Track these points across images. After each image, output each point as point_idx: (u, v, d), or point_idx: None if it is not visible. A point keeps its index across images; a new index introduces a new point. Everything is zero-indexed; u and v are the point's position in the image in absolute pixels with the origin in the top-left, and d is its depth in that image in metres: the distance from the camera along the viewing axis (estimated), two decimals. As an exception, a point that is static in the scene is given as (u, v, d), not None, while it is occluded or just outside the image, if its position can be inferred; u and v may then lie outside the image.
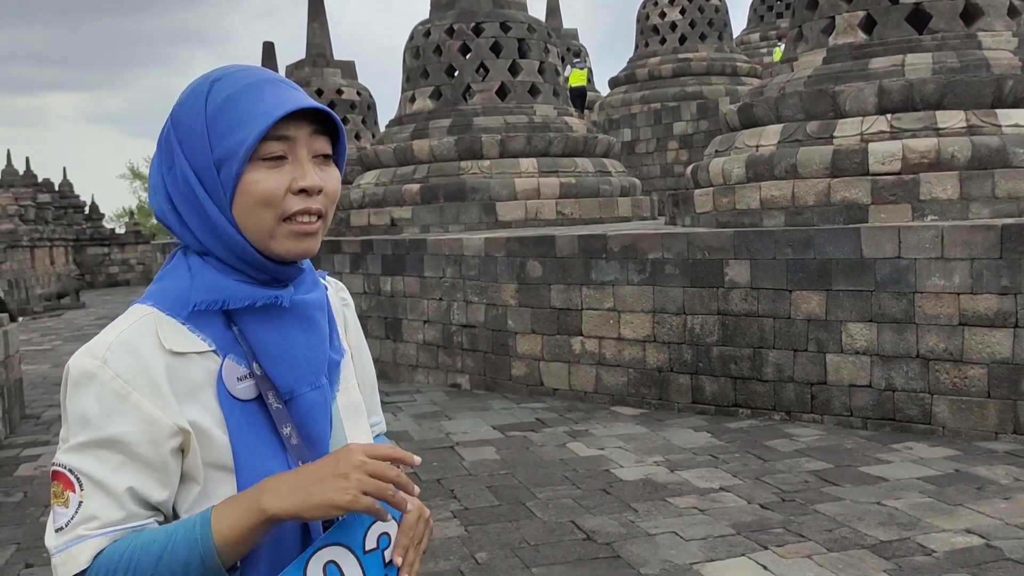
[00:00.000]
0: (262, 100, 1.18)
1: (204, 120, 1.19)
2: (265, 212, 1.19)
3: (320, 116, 1.22)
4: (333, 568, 1.14)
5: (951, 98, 7.74)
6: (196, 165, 1.19)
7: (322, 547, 1.15)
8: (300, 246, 1.22)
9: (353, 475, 1.08)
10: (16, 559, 4.99)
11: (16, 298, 22.04)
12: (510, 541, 4.92)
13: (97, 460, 1.11)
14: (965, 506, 5.16)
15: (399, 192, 12.09)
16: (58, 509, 1.12)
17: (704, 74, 20.21)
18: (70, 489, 1.11)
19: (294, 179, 1.19)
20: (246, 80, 1.20)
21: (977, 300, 6.54)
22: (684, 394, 7.99)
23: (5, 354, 8.40)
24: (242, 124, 1.17)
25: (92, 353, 1.14)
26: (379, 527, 1.18)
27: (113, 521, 1.11)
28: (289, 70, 20.14)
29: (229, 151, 1.17)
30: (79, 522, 1.10)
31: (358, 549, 1.16)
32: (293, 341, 1.22)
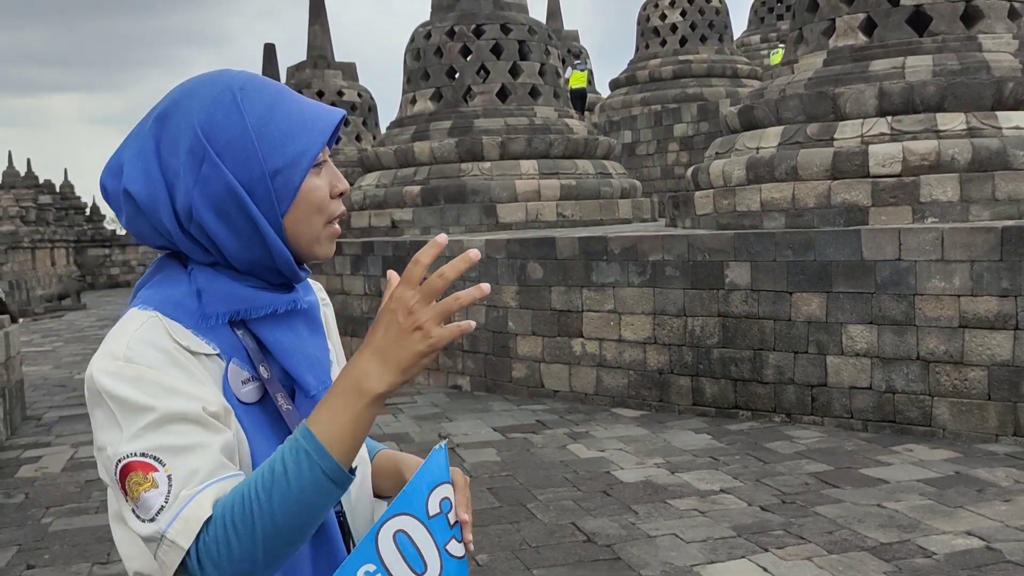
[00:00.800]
0: (301, 106, 1.21)
1: (249, 131, 1.16)
2: (318, 218, 1.22)
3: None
4: (403, 537, 1.18)
5: (951, 100, 7.74)
6: (245, 177, 1.16)
7: (389, 519, 1.19)
8: (332, 247, 1.27)
9: (420, 318, 1.05)
10: (18, 560, 5.00)
11: (17, 299, 22.05)
12: (511, 543, 4.93)
13: (167, 434, 1.06)
14: (965, 508, 5.17)
15: (400, 194, 12.10)
16: (147, 495, 1.03)
17: (704, 76, 20.22)
18: (152, 470, 1.04)
19: (331, 183, 1.23)
20: (269, 87, 1.22)
21: (977, 302, 6.54)
22: (685, 396, 7.99)
23: (6, 355, 8.41)
24: (296, 134, 1.18)
25: (112, 355, 1.11)
26: (438, 493, 1.21)
27: (215, 470, 1.06)
28: (290, 72, 20.16)
29: (289, 160, 1.17)
30: (179, 488, 1.03)
31: (423, 516, 1.19)
32: (304, 340, 1.24)
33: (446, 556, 1.20)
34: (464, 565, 1.22)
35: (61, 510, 5.89)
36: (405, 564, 1.17)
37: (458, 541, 1.21)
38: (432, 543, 1.19)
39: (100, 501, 6.00)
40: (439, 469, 1.23)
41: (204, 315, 1.17)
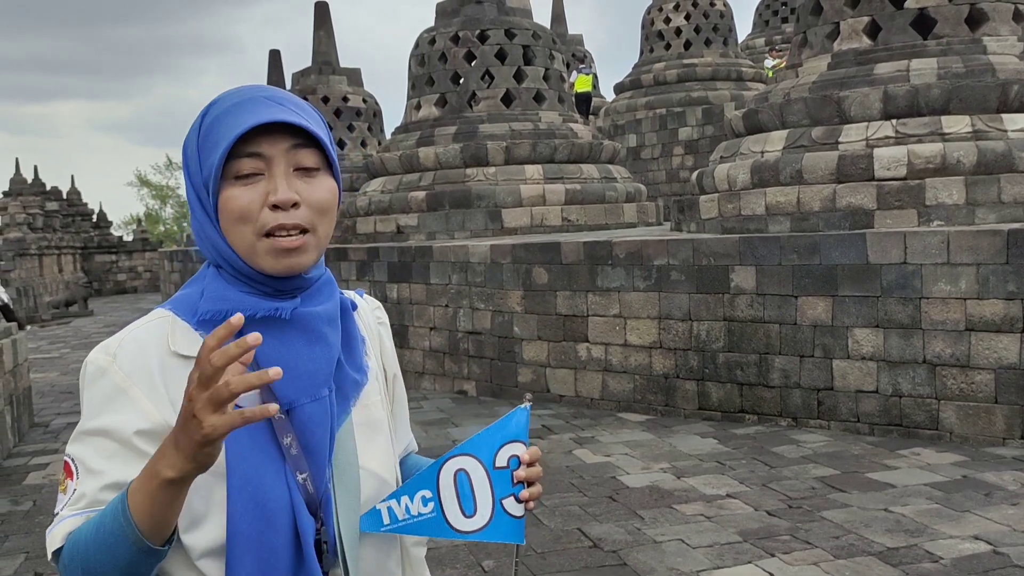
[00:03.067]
0: (236, 119, 1.20)
1: (196, 143, 1.25)
2: (243, 228, 1.22)
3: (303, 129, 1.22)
4: (463, 475, 1.23)
5: (956, 103, 7.73)
6: (195, 185, 1.26)
7: (456, 455, 1.24)
8: (282, 263, 1.22)
9: (195, 406, 1.02)
10: (25, 568, 5.01)
11: (24, 306, 22.13)
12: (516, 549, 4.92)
13: (92, 448, 1.18)
14: (973, 512, 5.15)
15: (405, 199, 12.12)
16: (59, 495, 1.19)
17: (709, 79, 20.21)
18: (69, 477, 1.19)
19: (268, 194, 1.21)
20: (233, 100, 1.23)
21: (984, 305, 6.53)
22: (690, 400, 7.99)
23: (14, 362, 8.44)
24: (217, 145, 1.21)
25: (106, 349, 1.22)
26: (510, 449, 1.25)
27: (93, 502, 1.16)
28: (295, 78, 20.21)
29: (209, 172, 1.22)
30: (68, 504, 1.17)
31: (488, 463, 1.23)
32: (295, 352, 1.23)
33: (499, 509, 1.23)
34: (519, 525, 1.24)
35: (68, 517, 5.90)
36: (457, 501, 1.23)
37: (518, 501, 1.24)
38: (489, 492, 1.23)
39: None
40: (518, 427, 1.26)
41: (197, 313, 1.24)
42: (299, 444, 1.22)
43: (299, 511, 1.20)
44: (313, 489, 1.23)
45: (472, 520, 1.23)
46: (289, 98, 1.25)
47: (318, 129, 1.24)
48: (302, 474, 1.22)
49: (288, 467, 1.21)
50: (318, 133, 1.23)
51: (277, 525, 1.18)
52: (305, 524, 1.20)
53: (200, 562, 1.18)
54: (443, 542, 5.02)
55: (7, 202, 29.06)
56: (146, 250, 33.66)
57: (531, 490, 1.28)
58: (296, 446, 1.22)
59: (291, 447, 1.22)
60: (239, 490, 1.17)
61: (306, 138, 1.23)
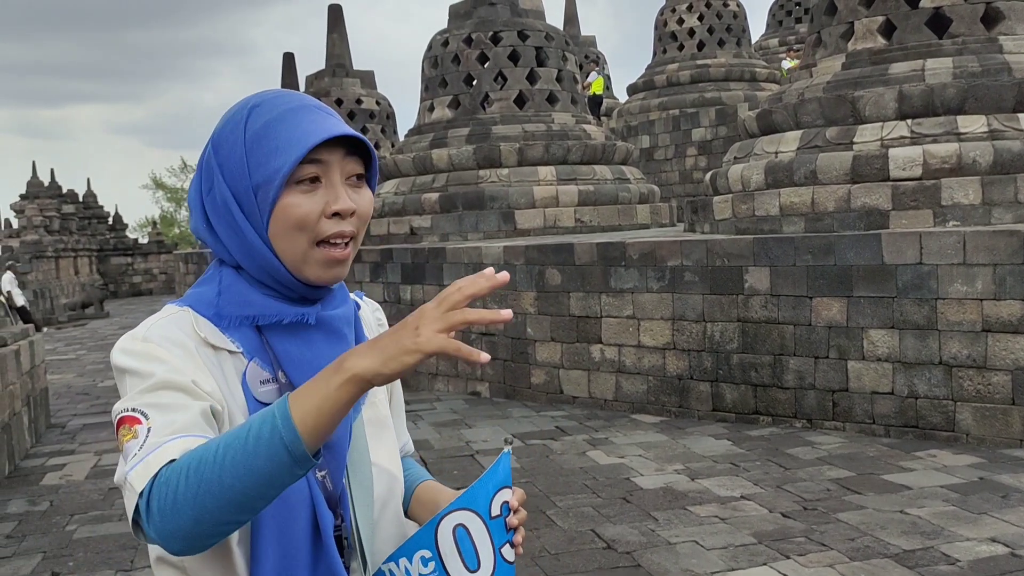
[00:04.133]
0: (298, 127, 1.21)
1: (243, 146, 1.23)
2: (299, 236, 1.22)
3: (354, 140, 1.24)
4: (462, 531, 1.22)
5: (972, 103, 7.68)
6: (235, 189, 1.24)
7: (452, 511, 1.23)
8: (330, 273, 1.25)
9: (424, 319, 1.03)
10: (43, 567, 5.05)
11: (41, 308, 22.29)
12: (530, 550, 4.93)
13: (156, 396, 1.12)
14: (989, 514, 5.12)
15: (418, 201, 12.15)
16: (128, 445, 1.09)
17: (723, 80, 20.16)
18: (136, 423, 1.10)
19: (327, 203, 1.22)
20: (284, 107, 1.24)
21: (1000, 306, 6.48)
22: (704, 402, 7.96)
23: (31, 364, 8.51)
24: (279, 151, 1.20)
25: (133, 336, 1.20)
26: (501, 496, 1.24)
27: (190, 427, 1.09)
28: (309, 80, 20.29)
29: (267, 177, 1.21)
30: (153, 437, 1.08)
31: (484, 514, 1.23)
32: (318, 352, 1.26)
33: (500, 559, 1.23)
34: (513, 571, 1.24)
35: (85, 517, 5.94)
36: (459, 558, 1.21)
37: (511, 546, 1.24)
38: (489, 543, 1.22)
39: (124, 508, 6.05)
40: (504, 473, 1.25)
41: (219, 314, 1.24)
42: None
43: (319, 506, 1.21)
44: (332, 486, 1.25)
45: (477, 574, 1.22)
46: (332, 110, 1.28)
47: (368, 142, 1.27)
48: (321, 472, 1.25)
49: None
50: (372, 148, 1.27)
51: (298, 519, 1.20)
52: (325, 518, 1.22)
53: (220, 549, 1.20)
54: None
55: (24, 205, 29.30)
56: (161, 252, 33.86)
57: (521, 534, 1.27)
58: None
59: None
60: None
61: (355, 149, 1.25)
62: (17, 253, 24.04)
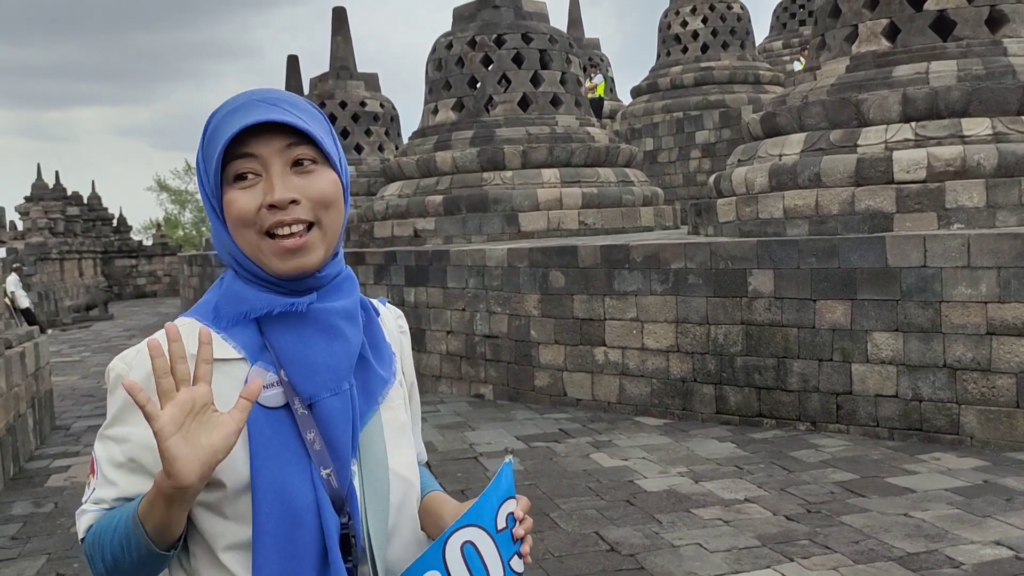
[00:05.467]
0: (228, 125, 1.22)
1: (202, 150, 1.27)
2: (246, 231, 1.24)
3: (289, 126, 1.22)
4: (470, 548, 1.22)
5: (976, 105, 7.67)
6: (206, 192, 1.28)
7: (459, 528, 1.23)
8: (288, 263, 1.24)
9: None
10: (47, 569, 5.06)
11: (46, 310, 22.34)
12: (534, 553, 4.91)
13: (108, 454, 1.26)
14: (994, 518, 5.11)
15: (422, 203, 12.16)
16: (86, 487, 1.30)
17: (726, 83, 20.13)
18: (92, 474, 1.28)
19: (265, 195, 1.23)
20: (230, 106, 1.25)
21: (1005, 309, 6.47)
22: (708, 404, 7.96)
23: (35, 366, 8.53)
24: (213, 151, 1.23)
25: (124, 359, 1.27)
26: (506, 508, 1.25)
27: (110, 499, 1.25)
28: (313, 82, 20.32)
29: (210, 177, 1.25)
30: (90, 501, 1.27)
31: (491, 529, 1.23)
32: (313, 347, 1.25)
33: (509, 571, 1.23)
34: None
35: (89, 519, 5.95)
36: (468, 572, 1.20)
37: (519, 557, 1.24)
38: (497, 556, 1.22)
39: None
40: (507, 484, 1.26)
41: (217, 317, 1.26)
42: (322, 439, 1.23)
43: (324, 508, 1.21)
44: (337, 484, 1.24)
45: None
46: (284, 98, 1.25)
47: (310, 124, 1.23)
48: (326, 470, 1.23)
49: (313, 464, 1.22)
50: (309, 128, 1.23)
51: (303, 523, 1.19)
52: (329, 521, 1.21)
53: (224, 555, 1.20)
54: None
55: (29, 207, 29.37)
56: (165, 254, 33.92)
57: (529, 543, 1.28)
58: (319, 441, 1.23)
59: (314, 442, 1.23)
60: (265, 488, 1.18)
61: (302, 135, 1.23)
62: (22, 255, 24.09)
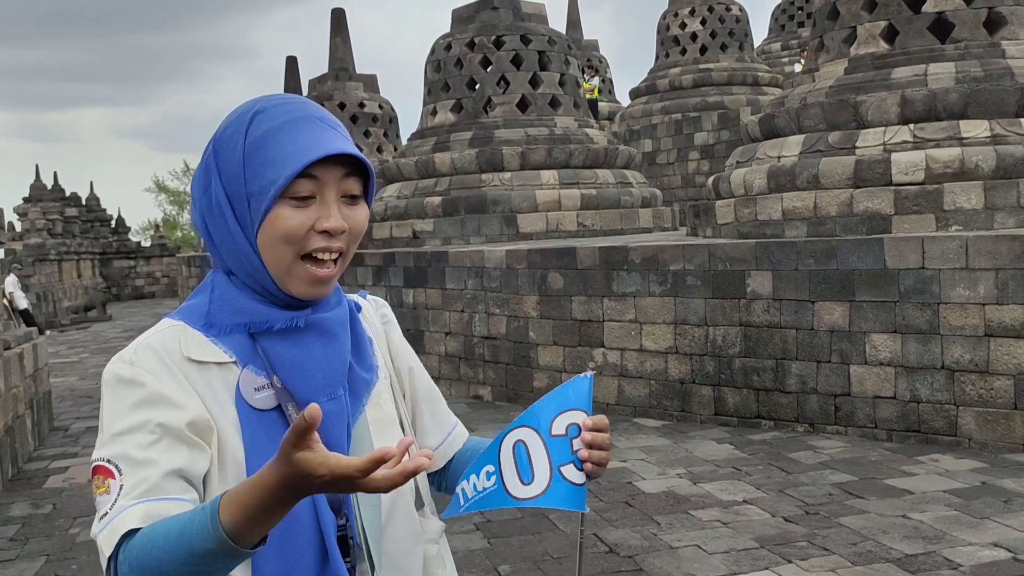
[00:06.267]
0: (296, 141, 1.22)
1: (242, 152, 1.24)
2: (286, 248, 1.23)
3: (352, 156, 1.24)
4: (520, 446, 1.28)
5: (975, 107, 7.68)
6: (231, 193, 1.25)
7: (514, 428, 1.29)
8: (313, 290, 1.26)
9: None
10: (46, 570, 5.06)
11: (44, 311, 22.32)
12: (532, 554, 4.93)
13: (131, 444, 1.14)
14: (992, 519, 5.11)
15: (421, 205, 12.16)
16: (100, 499, 1.13)
17: (725, 84, 20.15)
18: (110, 477, 1.13)
19: (319, 219, 1.23)
20: (286, 116, 1.24)
21: (1003, 310, 6.48)
22: (706, 406, 7.96)
23: (34, 367, 8.52)
24: (276, 163, 1.21)
25: (122, 358, 1.22)
26: (568, 417, 1.29)
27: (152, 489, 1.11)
28: (312, 84, 20.32)
29: (262, 187, 1.21)
30: (122, 497, 1.11)
31: (544, 432, 1.27)
32: (310, 354, 1.26)
33: (558, 476, 1.26)
34: (580, 493, 1.27)
35: (88, 520, 5.95)
36: (515, 470, 1.27)
37: (578, 469, 1.27)
38: (546, 459, 1.26)
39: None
40: (576, 396, 1.30)
41: (209, 324, 1.25)
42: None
43: (320, 509, 1.22)
44: None
45: (530, 487, 1.27)
46: (337, 123, 1.28)
47: (367, 161, 1.27)
48: None
49: None
50: (371, 169, 1.27)
51: (300, 523, 1.20)
52: (327, 521, 1.22)
53: None
54: (458, 545, 5.03)
55: (27, 208, 29.36)
56: (164, 255, 33.91)
57: (596, 454, 1.28)
58: None
59: None
60: None
61: (354, 166, 1.25)
62: (20, 256, 24.08)
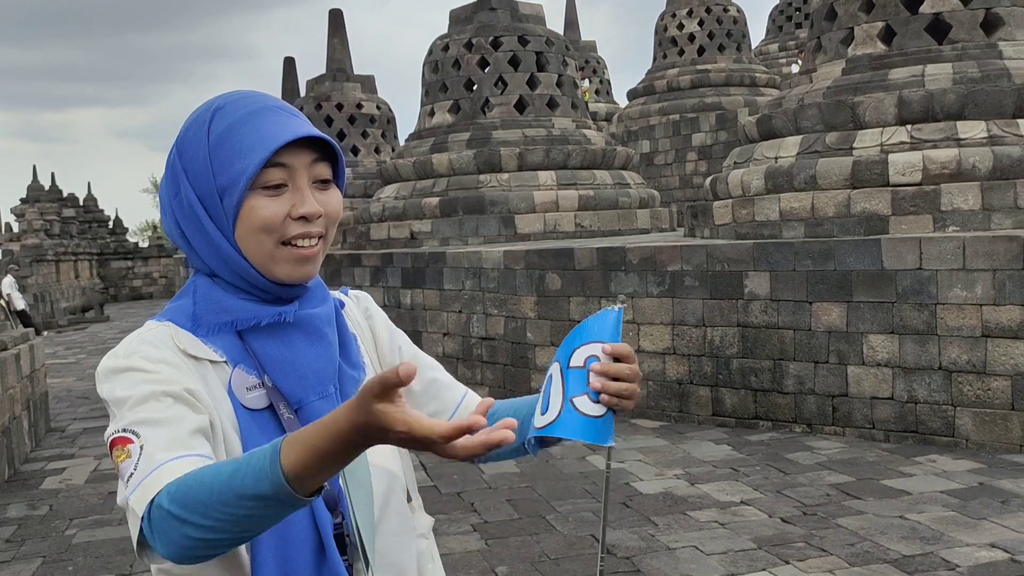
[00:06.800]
0: (261, 130, 1.22)
1: (207, 150, 1.24)
2: (265, 237, 1.23)
3: (320, 141, 1.25)
4: (548, 379, 1.29)
5: (972, 108, 7.69)
6: (200, 192, 1.24)
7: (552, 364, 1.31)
8: (300, 271, 1.26)
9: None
10: (42, 571, 5.05)
11: (41, 312, 22.30)
12: (530, 555, 4.93)
13: (147, 410, 1.12)
14: (989, 520, 5.11)
15: (419, 205, 12.16)
16: (123, 466, 1.09)
17: (723, 85, 20.16)
18: (128, 443, 1.10)
19: (294, 206, 1.23)
20: (247, 108, 1.24)
21: (1000, 311, 6.49)
22: (704, 407, 7.96)
23: (31, 368, 8.51)
24: (242, 154, 1.21)
25: (115, 354, 1.21)
26: (589, 348, 1.27)
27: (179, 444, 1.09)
28: (310, 84, 20.30)
29: (231, 180, 1.22)
30: (148, 455, 1.08)
31: (564, 364, 1.27)
32: (299, 353, 1.26)
33: (568, 406, 1.24)
34: (596, 424, 1.22)
35: (84, 522, 5.94)
36: (540, 403, 1.28)
37: (592, 400, 1.23)
38: (561, 390, 1.25)
39: (123, 512, 6.04)
40: (600, 327, 1.29)
41: (196, 324, 1.25)
42: None
43: (317, 507, 1.22)
44: (328, 485, 1.22)
45: (544, 417, 1.25)
46: (298, 112, 1.29)
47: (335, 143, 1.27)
48: None
49: None
50: (338, 151, 1.27)
51: (296, 522, 1.20)
52: (323, 519, 1.22)
53: (225, 558, 1.20)
54: (455, 546, 5.03)
55: (25, 209, 29.32)
56: (161, 256, 33.87)
57: (612, 385, 1.22)
58: None
59: None
60: None
61: (323, 152, 1.26)
62: (17, 257, 24.04)
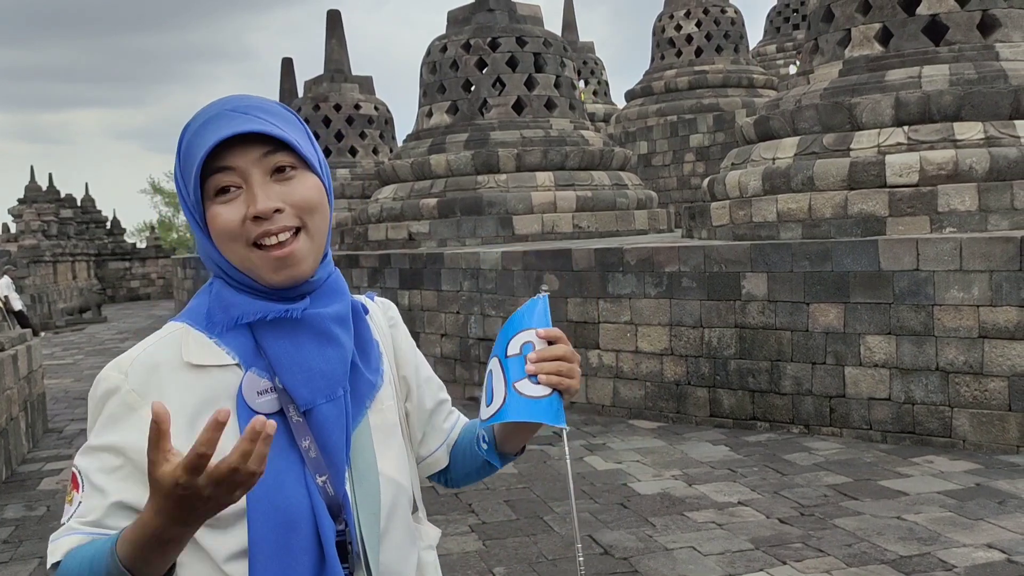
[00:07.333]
0: (202, 138, 1.20)
1: (179, 167, 1.25)
2: (234, 244, 1.22)
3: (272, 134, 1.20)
4: (488, 375, 1.35)
5: (969, 109, 7.70)
6: (187, 204, 1.26)
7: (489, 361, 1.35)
8: (282, 274, 1.23)
9: None
10: (39, 573, 5.04)
11: (39, 312, 22.27)
12: (527, 555, 4.93)
13: (99, 462, 1.19)
14: (986, 521, 5.12)
15: (416, 206, 12.16)
16: (65, 507, 1.21)
17: (720, 86, 20.17)
18: (75, 488, 1.20)
19: (249, 207, 1.20)
20: (202, 119, 1.22)
21: (997, 312, 6.50)
22: (702, 407, 7.97)
23: (28, 369, 8.50)
24: (191, 166, 1.21)
25: (119, 366, 1.22)
26: (523, 336, 1.34)
27: (95, 521, 1.17)
28: (307, 85, 20.31)
29: (190, 193, 1.23)
30: (74, 518, 1.18)
31: (502, 355, 1.33)
32: (308, 354, 1.24)
33: (512, 392, 1.30)
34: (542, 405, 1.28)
35: (82, 522, 5.93)
36: (484, 396, 1.34)
37: (533, 383, 1.29)
38: (503, 379, 1.31)
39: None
40: (530, 316, 1.35)
41: (211, 322, 1.25)
42: (317, 446, 1.23)
43: (320, 515, 1.20)
44: (333, 491, 1.23)
45: (490, 408, 1.31)
46: (256, 105, 1.23)
47: (285, 130, 1.22)
48: (321, 476, 1.22)
49: (308, 471, 1.21)
50: (284, 135, 1.21)
51: (299, 529, 1.19)
52: (326, 528, 1.20)
53: (226, 566, 1.19)
54: (453, 547, 5.03)
55: (22, 209, 29.28)
56: (159, 257, 33.84)
57: (547, 366, 1.29)
58: (315, 448, 1.22)
59: (309, 450, 1.22)
60: (259, 497, 1.17)
61: (279, 142, 1.21)
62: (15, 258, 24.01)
